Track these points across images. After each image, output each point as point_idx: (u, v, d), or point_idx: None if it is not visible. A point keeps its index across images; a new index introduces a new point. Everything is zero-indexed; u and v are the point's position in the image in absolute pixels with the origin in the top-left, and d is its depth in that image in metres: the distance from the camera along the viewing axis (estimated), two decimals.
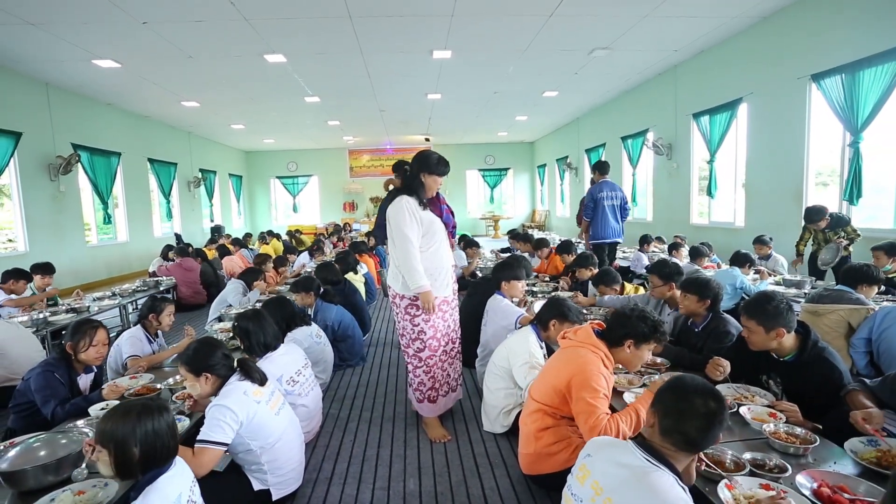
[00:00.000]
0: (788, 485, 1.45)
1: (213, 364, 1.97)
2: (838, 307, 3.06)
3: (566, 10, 5.65)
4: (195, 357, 1.97)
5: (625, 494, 1.24)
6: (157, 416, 1.45)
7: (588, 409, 1.79)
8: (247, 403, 1.90)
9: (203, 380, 1.96)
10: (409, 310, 2.68)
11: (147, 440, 1.39)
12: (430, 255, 2.66)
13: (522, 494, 2.22)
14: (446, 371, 2.83)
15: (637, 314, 1.99)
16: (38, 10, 5.16)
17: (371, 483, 2.33)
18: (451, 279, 2.80)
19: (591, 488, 1.30)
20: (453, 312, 2.84)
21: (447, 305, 2.77)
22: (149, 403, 1.49)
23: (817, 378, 2.01)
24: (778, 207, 6.13)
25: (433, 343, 2.72)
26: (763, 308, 2.03)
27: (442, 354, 2.77)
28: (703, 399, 1.31)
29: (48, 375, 2.32)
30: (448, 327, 2.79)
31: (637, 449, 1.32)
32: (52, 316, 4.18)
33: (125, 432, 1.39)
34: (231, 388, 1.93)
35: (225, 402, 1.85)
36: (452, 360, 2.86)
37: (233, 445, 1.92)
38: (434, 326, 2.70)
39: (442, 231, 2.74)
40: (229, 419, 1.82)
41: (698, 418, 1.29)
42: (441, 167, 2.73)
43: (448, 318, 2.79)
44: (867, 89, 4.78)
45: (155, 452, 1.41)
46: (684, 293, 2.64)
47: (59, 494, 1.52)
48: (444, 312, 2.75)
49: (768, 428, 1.75)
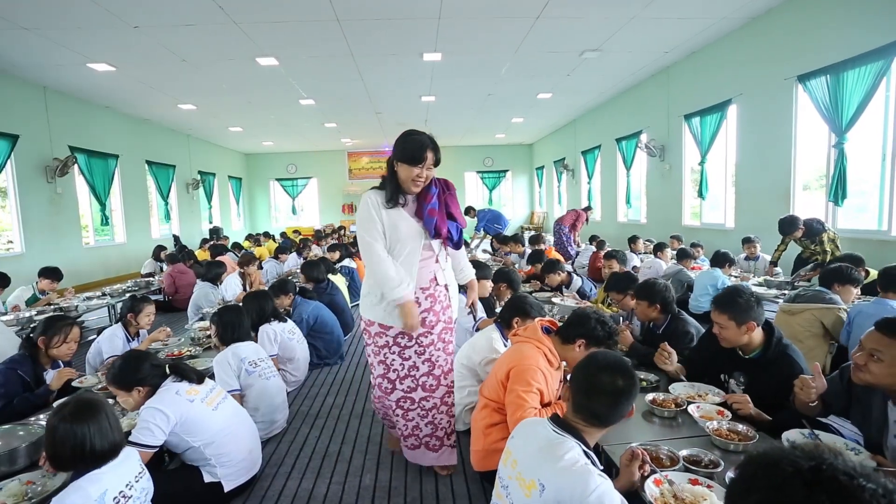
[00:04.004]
0: (720, 480, 1.46)
1: (142, 377, 1.99)
2: (811, 306, 3.07)
3: (553, 12, 5.68)
4: (123, 373, 1.98)
5: (530, 464, 1.29)
6: (86, 419, 1.44)
7: (518, 401, 1.82)
8: (178, 403, 1.95)
9: (135, 393, 1.98)
10: (400, 340, 2.15)
11: (68, 439, 1.41)
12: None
13: (475, 492, 2.24)
14: (414, 422, 2.25)
15: (597, 317, 2.01)
16: (31, 14, 5.26)
17: (328, 478, 2.37)
18: (436, 303, 2.20)
19: (510, 467, 1.35)
20: (429, 350, 2.20)
21: (409, 341, 2.17)
22: (81, 405, 1.49)
23: (780, 375, 2.02)
24: (766, 208, 6.12)
25: (429, 381, 2.20)
26: (734, 301, 2.03)
27: (404, 401, 2.22)
28: (611, 377, 1.35)
29: (9, 373, 2.34)
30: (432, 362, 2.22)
31: (549, 424, 1.36)
32: (37, 315, 4.24)
33: (50, 431, 1.43)
34: (163, 390, 1.98)
35: (156, 405, 1.90)
36: (426, 413, 2.25)
37: (174, 446, 1.98)
38: (430, 360, 2.19)
39: (413, 240, 2.11)
40: (159, 421, 1.87)
41: (606, 395, 1.34)
42: (416, 150, 2.01)
43: (433, 351, 2.22)
44: (851, 90, 4.77)
45: (75, 451, 1.41)
46: (637, 300, 2.70)
47: (8, 483, 1.56)
48: (402, 349, 2.18)
49: (711, 426, 1.76)
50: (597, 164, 11.51)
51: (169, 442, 1.93)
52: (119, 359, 2.08)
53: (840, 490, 0.62)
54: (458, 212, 2.23)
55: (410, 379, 2.20)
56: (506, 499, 1.34)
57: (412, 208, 2.15)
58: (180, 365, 2.11)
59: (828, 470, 0.65)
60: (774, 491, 0.67)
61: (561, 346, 2.01)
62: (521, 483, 1.28)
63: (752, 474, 0.72)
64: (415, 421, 2.25)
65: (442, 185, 2.22)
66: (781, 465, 0.68)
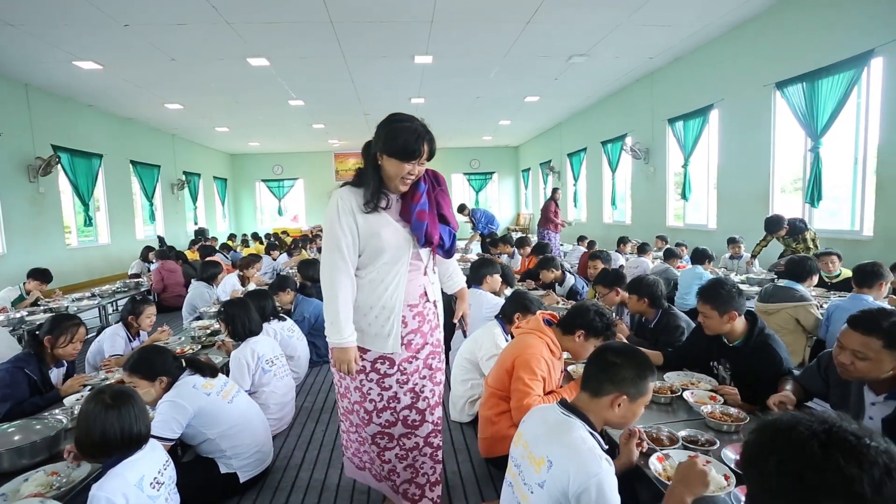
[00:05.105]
0: (715, 457, 1.58)
1: (166, 368, 2.04)
2: (785, 305, 3.25)
3: (542, 18, 5.82)
4: (149, 363, 2.02)
5: (540, 443, 1.38)
6: (122, 404, 1.50)
7: (523, 388, 1.93)
8: (196, 396, 2.01)
9: (157, 384, 2.02)
10: (379, 365, 1.77)
11: (106, 427, 1.46)
12: (366, 286, 1.71)
13: (482, 477, 2.34)
14: (391, 464, 1.86)
15: (596, 309, 2.13)
16: (16, 10, 5.17)
17: (339, 468, 2.43)
18: (424, 322, 1.83)
19: (522, 448, 1.43)
20: (413, 378, 1.81)
21: (390, 367, 1.77)
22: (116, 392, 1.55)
23: (761, 363, 2.16)
24: (747, 209, 6.36)
25: (412, 416, 1.82)
26: (717, 293, 2.18)
27: (381, 437, 1.83)
28: (618, 352, 1.48)
29: (15, 373, 2.34)
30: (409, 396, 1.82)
31: (558, 407, 1.46)
32: (28, 315, 4.19)
33: (87, 417, 1.47)
34: (180, 384, 2.04)
35: (174, 398, 1.96)
36: (406, 454, 1.85)
37: (190, 438, 2.03)
38: (414, 391, 1.81)
39: (399, 250, 1.71)
40: (178, 414, 1.93)
41: (616, 365, 1.45)
42: (409, 142, 1.63)
43: (417, 379, 1.83)
44: (825, 97, 5.02)
45: (111, 440, 1.46)
46: (629, 294, 2.89)
47: (34, 474, 1.60)
48: (381, 377, 1.77)
49: (706, 409, 1.89)
50: (582, 166, 11.74)
51: (185, 434, 1.98)
52: (142, 350, 2.12)
53: (850, 448, 0.73)
54: (450, 212, 1.82)
55: (390, 412, 1.79)
56: (518, 476, 1.43)
57: (396, 209, 1.73)
58: (196, 360, 2.15)
59: (838, 431, 0.75)
60: (794, 451, 0.76)
61: (562, 337, 2.12)
62: (532, 461, 1.38)
63: (771, 438, 0.81)
64: (392, 463, 1.84)
65: (431, 180, 1.79)
66: (798, 428, 0.78)
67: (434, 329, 1.88)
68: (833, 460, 0.72)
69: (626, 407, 1.42)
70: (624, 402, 1.41)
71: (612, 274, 3.37)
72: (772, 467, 0.78)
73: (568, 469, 1.27)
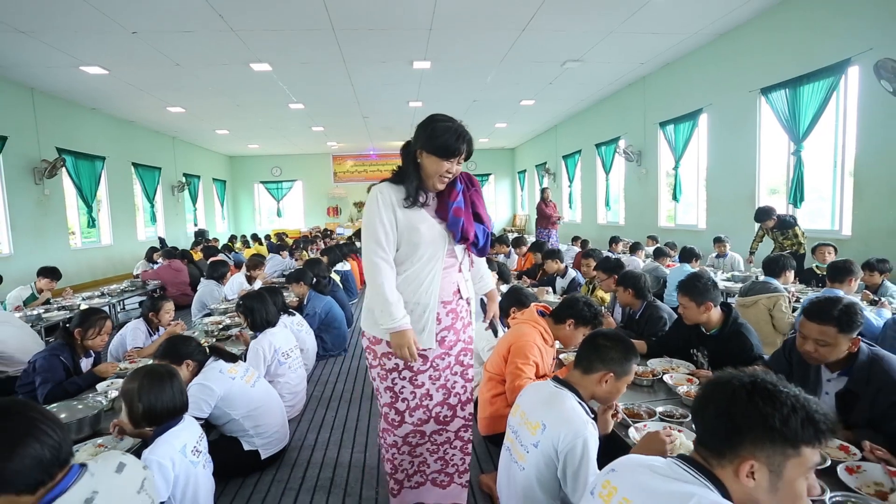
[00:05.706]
0: (688, 427, 1.80)
1: (192, 351, 2.25)
2: (759, 297, 3.48)
3: (538, 25, 6.05)
4: (175, 349, 2.23)
5: (535, 410, 1.60)
6: (164, 379, 1.71)
7: (516, 372, 2.16)
8: (223, 379, 2.22)
9: (185, 367, 2.22)
10: (411, 362, 1.79)
11: (150, 399, 1.66)
12: (402, 282, 1.76)
13: (482, 454, 2.56)
14: (422, 457, 1.95)
15: (584, 301, 2.35)
16: (30, 19, 5.35)
17: (350, 448, 2.66)
18: (457, 320, 1.88)
19: (519, 417, 1.65)
20: (445, 374, 1.88)
21: (423, 363, 1.83)
22: (156, 369, 1.76)
23: (735, 350, 2.39)
24: (734, 210, 6.61)
25: (444, 412, 1.90)
26: (694, 285, 2.42)
27: (414, 435, 1.90)
28: (607, 335, 1.70)
29: (53, 359, 2.55)
30: (431, 396, 1.88)
31: (552, 382, 1.68)
32: (45, 313, 4.37)
33: (132, 391, 1.67)
34: (209, 368, 2.25)
35: (204, 381, 2.17)
36: (437, 448, 1.95)
37: (216, 419, 2.23)
38: (446, 387, 1.88)
39: (435, 245, 1.78)
40: (207, 395, 2.14)
41: (604, 346, 1.68)
42: (451, 140, 1.71)
43: (449, 375, 1.89)
44: (807, 102, 5.27)
45: (158, 409, 1.67)
46: (618, 287, 3.15)
47: (83, 446, 1.79)
48: (414, 374, 1.84)
49: (682, 389, 2.11)
50: (577, 168, 11.99)
51: (213, 415, 2.18)
52: (169, 339, 2.33)
53: (768, 394, 0.95)
54: (485, 212, 1.90)
55: (422, 410, 1.86)
56: (515, 440, 1.65)
57: (433, 206, 1.82)
58: (219, 347, 2.35)
59: (761, 383, 0.97)
60: (726, 400, 0.98)
61: (554, 326, 2.34)
62: (528, 425, 1.59)
63: (711, 392, 1.04)
64: (422, 456, 1.94)
65: (466, 181, 1.88)
66: (732, 382, 1.00)
67: (466, 326, 1.93)
68: (754, 403, 0.94)
69: (612, 384, 1.65)
70: (611, 380, 1.64)
71: (614, 262, 3.69)
72: (711, 412, 1.00)
73: (559, 431, 1.48)
